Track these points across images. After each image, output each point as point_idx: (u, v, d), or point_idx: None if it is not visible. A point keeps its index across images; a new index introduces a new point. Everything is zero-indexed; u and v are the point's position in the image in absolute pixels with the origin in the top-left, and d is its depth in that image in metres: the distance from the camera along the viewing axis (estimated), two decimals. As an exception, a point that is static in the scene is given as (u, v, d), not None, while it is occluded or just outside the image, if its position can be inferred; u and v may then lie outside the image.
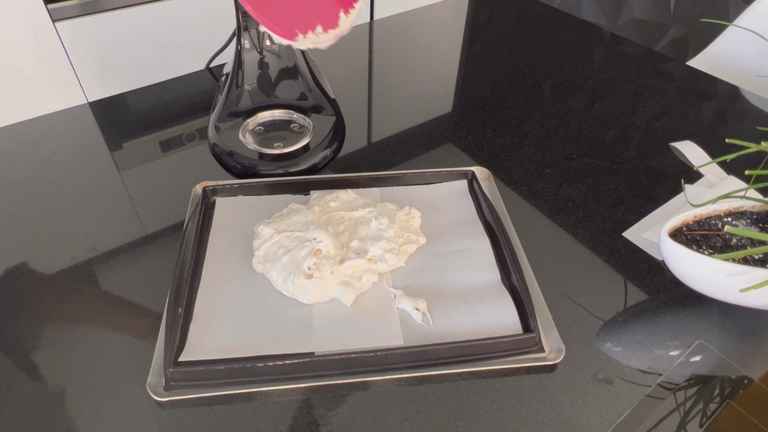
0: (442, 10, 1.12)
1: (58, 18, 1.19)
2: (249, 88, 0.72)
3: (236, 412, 0.44)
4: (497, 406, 0.45)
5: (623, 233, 0.61)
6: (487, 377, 0.46)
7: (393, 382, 0.46)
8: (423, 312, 0.50)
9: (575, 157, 0.72)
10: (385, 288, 0.53)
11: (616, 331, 0.51)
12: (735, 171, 0.66)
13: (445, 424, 0.43)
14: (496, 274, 0.54)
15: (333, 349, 0.47)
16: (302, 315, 0.50)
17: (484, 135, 0.76)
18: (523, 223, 0.60)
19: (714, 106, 0.84)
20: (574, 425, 0.43)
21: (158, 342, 0.48)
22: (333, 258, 0.52)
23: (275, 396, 0.45)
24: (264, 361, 0.45)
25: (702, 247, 0.51)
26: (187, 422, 0.43)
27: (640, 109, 0.82)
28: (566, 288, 0.54)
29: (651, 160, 0.72)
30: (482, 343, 0.47)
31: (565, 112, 0.81)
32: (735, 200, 0.53)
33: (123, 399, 0.44)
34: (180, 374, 0.44)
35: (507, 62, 0.96)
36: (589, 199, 0.65)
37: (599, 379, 0.47)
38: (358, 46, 0.98)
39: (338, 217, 0.57)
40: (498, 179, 0.68)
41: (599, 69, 0.93)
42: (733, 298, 0.49)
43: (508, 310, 0.50)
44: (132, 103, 0.83)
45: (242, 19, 0.67)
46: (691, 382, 0.47)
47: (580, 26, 1.07)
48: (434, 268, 0.55)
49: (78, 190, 0.66)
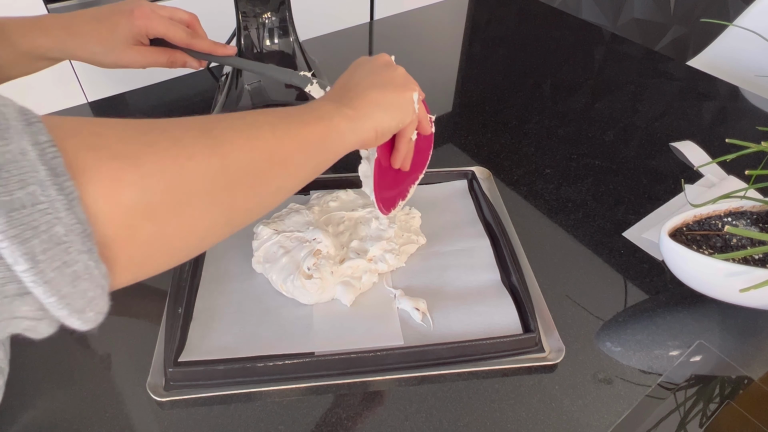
0: (442, 10, 1.12)
1: (58, 18, 1.19)
2: (249, 88, 0.72)
3: (236, 412, 0.44)
4: (497, 406, 0.45)
5: (623, 233, 0.61)
6: (487, 377, 0.46)
7: (393, 382, 0.46)
8: (423, 312, 0.50)
9: (575, 157, 0.72)
10: (385, 288, 0.53)
11: (616, 331, 0.51)
12: (735, 171, 0.66)
13: (445, 424, 0.43)
14: (496, 274, 0.54)
15: (333, 349, 0.47)
16: (302, 315, 0.50)
17: (484, 135, 0.76)
18: (523, 223, 0.60)
19: (714, 106, 0.84)
20: (574, 425, 0.43)
21: (158, 342, 0.48)
22: (333, 258, 0.52)
23: (275, 396, 0.45)
24: (264, 361, 0.45)
25: (702, 247, 0.51)
26: (187, 422, 0.43)
27: (640, 109, 0.82)
28: (566, 288, 0.54)
29: (651, 160, 0.72)
30: (482, 343, 0.47)
31: (565, 112, 0.81)
32: (735, 200, 0.53)
33: (123, 399, 0.44)
34: (180, 374, 0.44)
35: (507, 62, 0.96)
36: (589, 199, 0.65)
37: (599, 379, 0.47)
38: (358, 46, 0.98)
39: (338, 217, 0.57)
40: (498, 179, 0.68)
41: (599, 69, 0.93)
42: (733, 298, 0.49)
43: (508, 310, 0.50)
44: (132, 103, 0.83)
45: (242, 19, 0.67)
46: (691, 382, 0.47)
47: (580, 26, 1.07)
48: (434, 268, 0.55)
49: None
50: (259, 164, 0.30)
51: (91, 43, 0.49)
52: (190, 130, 0.27)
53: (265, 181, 0.31)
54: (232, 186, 0.28)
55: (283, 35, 0.70)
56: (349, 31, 1.02)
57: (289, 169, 0.33)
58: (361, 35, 1.02)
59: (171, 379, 0.44)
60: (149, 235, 0.25)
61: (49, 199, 0.20)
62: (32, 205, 0.19)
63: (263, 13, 0.67)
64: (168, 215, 0.25)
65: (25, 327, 0.22)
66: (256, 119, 0.31)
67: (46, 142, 0.21)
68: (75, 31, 0.48)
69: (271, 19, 0.68)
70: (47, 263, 0.20)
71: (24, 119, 0.21)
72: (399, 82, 0.43)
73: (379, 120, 0.40)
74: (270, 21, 0.68)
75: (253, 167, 0.29)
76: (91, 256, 0.22)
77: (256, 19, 0.67)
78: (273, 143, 0.31)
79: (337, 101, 0.39)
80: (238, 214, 0.30)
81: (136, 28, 0.50)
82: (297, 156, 0.33)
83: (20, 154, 0.20)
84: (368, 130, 0.39)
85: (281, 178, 0.32)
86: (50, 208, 0.20)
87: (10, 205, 0.19)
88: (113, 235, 0.23)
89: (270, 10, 0.67)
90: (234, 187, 0.28)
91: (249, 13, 0.67)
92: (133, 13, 0.50)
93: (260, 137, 0.30)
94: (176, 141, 0.26)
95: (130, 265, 0.25)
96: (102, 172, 0.22)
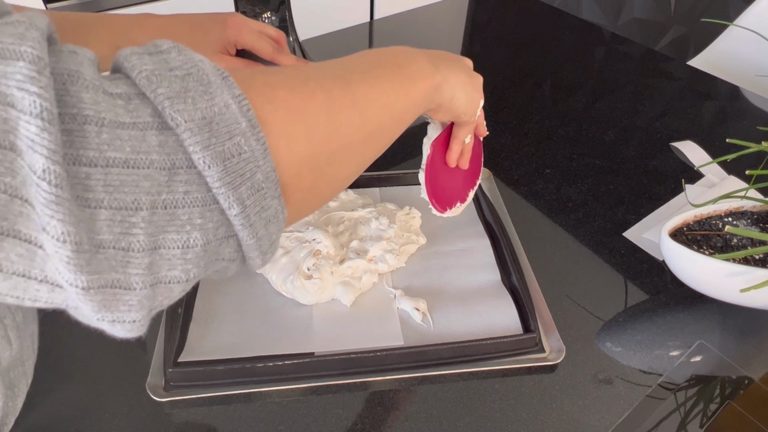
0: (442, 10, 1.12)
1: (58, 18, 1.19)
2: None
3: (236, 413, 0.44)
4: (497, 406, 0.44)
5: (624, 233, 0.60)
6: (488, 377, 0.46)
7: (393, 382, 0.46)
8: (423, 312, 0.50)
9: (575, 157, 0.72)
10: (385, 288, 0.53)
11: (617, 331, 0.51)
12: (735, 171, 0.66)
13: (445, 425, 0.43)
14: (496, 274, 0.54)
15: (333, 349, 0.47)
16: (302, 315, 0.50)
17: (484, 135, 0.76)
18: (523, 223, 0.60)
19: (714, 105, 0.84)
20: (574, 425, 0.43)
21: (158, 342, 0.48)
22: (332, 258, 0.52)
23: (275, 396, 0.45)
24: (264, 361, 0.45)
25: (702, 247, 0.51)
26: (186, 422, 0.43)
27: (641, 109, 0.82)
28: (566, 288, 0.54)
29: (651, 160, 0.72)
30: (482, 344, 0.47)
31: (566, 111, 0.81)
32: (735, 200, 0.53)
33: (123, 399, 0.44)
34: (180, 375, 0.44)
35: (507, 62, 0.96)
36: (589, 199, 0.65)
37: (600, 379, 0.47)
38: (358, 46, 0.98)
39: (338, 217, 0.57)
40: (498, 179, 0.68)
41: (600, 69, 0.93)
42: (734, 298, 0.48)
43: (508, 311, 0.50)
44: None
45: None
46: (691, 383, 0.47)
47: (580, 26, 1.07)
48: (434, 268, 0.55)
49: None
50: (386, 120, 0.31)
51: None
52: (336, 81, 0.28)
53: (387, 135, 0.33)
54: (366, 139, 0.30)
55: (283, 35, 0.70)
56: (349, 31, 1.02)
57: (401, 124, 0.34)
58: (361, 35, 1.02)
59: (171, 379, 0.44)
60: (310, 182, 0.27)
61: (251, 148, 0.22)
62: (239, 154, 0.21)
63: (263, 12, 0.67)
64: (325, 165, 0.27)
65: (218, 268, 0.24)
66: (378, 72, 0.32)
67: (240, 95, 0.22)
68: (170, 32, 0.50)
69: (271, 19, 0.68)
70: (252, 208, 0.22)
71: (219, 74, 0.22)
72: (478, 82, 0.44)
73: (456, 97, 0.41)
74: (270, 21, 0.68)
75: (381, 123, 0.31)
76: (280, 201, 0.24)
77: (256, 18, 0.67)
78: (394, 100, 0.32)
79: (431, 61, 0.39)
80: (366, 164, 0.32)
81: (226, 38, 0.52)
82: (408, 112, 0.35)
83: (225, 107, 0.21)
84: (447, 99, 0.40)
85: (395, 132, 0.34)
86: (252, 157, 0.22)
87: (224, 155, 0.21)
88: (286, 182, 0.25)
89: (270, 10, 0.67)
90: (368, 140, 0.30)
91: (249, 12, 0.67)
92: (227, 22, 0.52)
93: (385, 92, 0.31)
94: (329, 94, 0.27)
95: (294, 209, 0.26)
96: (279, 125, 0.24)
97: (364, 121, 0.29)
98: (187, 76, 0.21)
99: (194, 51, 0.23)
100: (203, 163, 0.20)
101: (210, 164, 0.20)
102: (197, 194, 0.21)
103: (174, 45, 0.22)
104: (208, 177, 0.21)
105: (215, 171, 0.21)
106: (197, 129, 0.20)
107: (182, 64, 0.22)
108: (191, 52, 0.22)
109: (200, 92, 0.21)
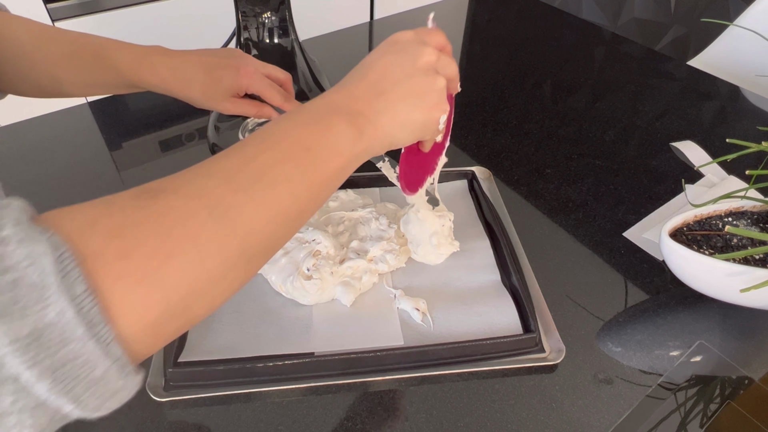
0: (442, 10, 1.12)
1: (58, 17, 1.19)
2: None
3: (236, 413, 0.44)
4: (497, 406, 0.44)
5: (624, 233, 0.60)
6: (488, 377, 0.46)
7: (393, 382, 0.46)
8: (423, 312, 0.50)
9: (575, 157, 0.72)
10: (385, 288, 0.53)
11: (617, 331, 0.51)
12: (735, 171, 0.66)
13: (445, 425, 0.43)
14: (496, 274, 0.54)
15: (333, 349, 0.47)
16: (302, 315, 0.50)
17: (484, 135, 0.76)
18: (523, 223, 0.60)
19: (714, 105, 0.84)
20: (574, 425, 0.43)
21: (158, 342, 0.48)
22: (332, 259, 0.52)
23: (275, 396, 0.45)
24: (264, 361, 0.45)
25: (702, 247, 0.51)
26: (186, 423, 0.43)
27: (641, 109, 0.82)
28: (567, 288, 0.54)
29: (651, 160, 0.72)
30: (482, 344, 0.47)
31: (566, 111, 0.81)
32: (736, 200, 0.53)
33: (122, 399, 0.44)
34: (180, 375, 0.44)
35: (507, 62, 0.96)
36: (589, 199, 0.65)
37: (600, 379, 0.47)
38: (358, 46, 0.98)
39: (338, 217, 0.57)
40: (498, 179, 0.68)
41: (600, 69, 0.93)
42: (734, 298, 0.48)
43: (508, 311, 0.50)
44: (132, 103, 0.83)
45: (242, 19, 0.67)
46: (691, 383, 0.47)
47: (580, 26, 1.07)
48: (434, 268, 0.55)
49: (78, 190, 0.66)
50: (278, 228, 0.29)
51: (193, 90, 0.51)
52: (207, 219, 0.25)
53: (282, 239, 0.30)
54: (250, 257, 0.28)
55: (282, 35, 0.69)
56: (349, 31, 1.02)
57: (306, 215, 0.32)
58: (361, 35, 1.02)
59: (171, 379, 0.44)
60: (175, 328, 0.26)
61: (88, 350, 0.21)
62: (73, 359, 0.20)
63: (263, 12, 0.67)
64: (191, 307, 0.26)
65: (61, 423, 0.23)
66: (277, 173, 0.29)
67: (82, 293, 0.21)
68: (181, 76, 0.50)
69: (271, 19, 0.67)
70: (89, 399, 0.21)
71: (60, 270, 0.20)
72: (433, 100, 0.37)
73: (397, 139, 0.37)
74: (270, 21, 0.67)
75: (271, 233, 0.29)
76: (128, 380, 0.23)
77: (256, 18, 0.67)
78: (289, 202, 0.29)
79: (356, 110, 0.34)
80: (254, 271, 0.30)
81: (237, 85, 0.52)
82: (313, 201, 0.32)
83: (59, 314, 0.20)
84: (383, 148, 0.36)
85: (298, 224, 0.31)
86: (88, 359, 0.21)
87: (53, 366, 0.20)
88: (141, 342, 0.24)
89: (270, 10, 0.67)
90: (253, 257, 0.28)
91: (249, 12, 0.67)
92: (239, 71, 0.52)
93: (277, 200, 0.28)
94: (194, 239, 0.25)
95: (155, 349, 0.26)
96: (129, 300, 0.23)
97: (244, 247, 0.27)
98: (19, 281, 0.19)
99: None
100: (30, 381, 0.19)
101: (38, 379, 0.19)
102: (26, 401, 0.20)
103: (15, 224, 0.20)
104: (37, 390, 0.19)
105: (44, 384, 0.19)
106: (23, 348, 0.19)
107: (17, 262, 0.19)
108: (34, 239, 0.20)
109: (32, 301, 0.19)
